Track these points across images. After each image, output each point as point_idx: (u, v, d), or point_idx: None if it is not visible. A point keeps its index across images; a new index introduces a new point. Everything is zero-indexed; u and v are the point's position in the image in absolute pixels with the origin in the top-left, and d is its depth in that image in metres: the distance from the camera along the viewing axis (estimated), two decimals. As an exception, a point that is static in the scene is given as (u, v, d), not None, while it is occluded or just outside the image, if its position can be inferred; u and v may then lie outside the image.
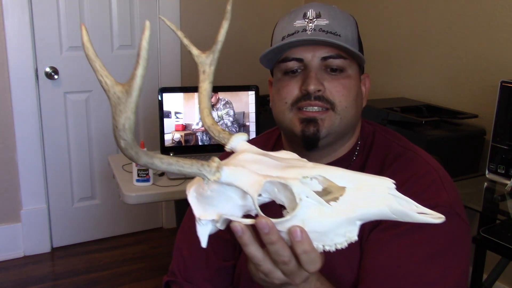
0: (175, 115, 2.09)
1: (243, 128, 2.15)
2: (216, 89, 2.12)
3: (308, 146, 0.83)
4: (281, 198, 0.57)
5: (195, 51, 0.65)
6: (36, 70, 2.54)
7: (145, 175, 1.79)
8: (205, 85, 0.63)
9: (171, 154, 2.09)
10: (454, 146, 1.97)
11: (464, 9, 2.15)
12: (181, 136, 2.10)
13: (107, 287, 2.45)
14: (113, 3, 2.68)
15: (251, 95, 2.15)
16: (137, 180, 1.80)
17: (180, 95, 2.09)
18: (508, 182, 1.66)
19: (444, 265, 0.75)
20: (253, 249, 0.58)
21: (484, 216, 1.74)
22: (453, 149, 1.96)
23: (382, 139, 0.90)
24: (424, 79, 2.38)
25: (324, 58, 0.81)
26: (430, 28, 2.32)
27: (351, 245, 0.80)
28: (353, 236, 0.56)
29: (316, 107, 0.81)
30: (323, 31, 0.81)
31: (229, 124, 2.14)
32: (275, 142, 0.99)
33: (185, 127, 2.10)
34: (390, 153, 0.86)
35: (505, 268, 1.81)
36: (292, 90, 0.82)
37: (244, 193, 0.56)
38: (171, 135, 2.09)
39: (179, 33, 0.64)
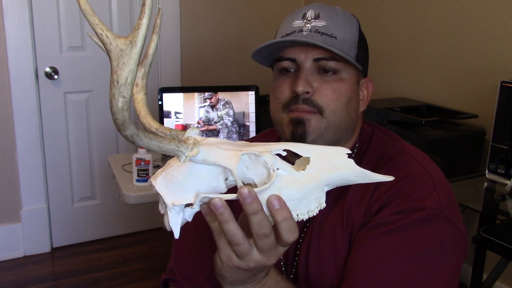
0: (175, 115, 2.09)
1: (243, 128, 2.15)
2: (216, 89, 2.12)
3: None
4: (251, 175, 0.58)
5: None
6: (36, 70, 2.54)
7: (145, 175, 1.79)
8: (140, 96, 0.62)
9: (171, 154, 2.08)
10: (454, 146, 1.97)
11: (464, 9, 2.15)
12: (181, 136, 2.10)
13: (107, 287, 2.45)
14: (113, 3, 2.68)
15: (251, 95, 2.15)
16: (137, 180, 1.80)
17: (180, 95, 2.09)
18: (508, 182, 1.66)
19: (428, 267, 0.74)
20: (233, 227, 0.58)
21: (484, 216, 1.74)
22: (453, 149, 1.96)
23: (378, 141, 0.89)
24: (424, 79, 2.38)
25: (317, 60, 0.81)
26: (430, 28, 2.32)
27: (340, 243, 0.81)
28: (323, 202, 0.60)
29: (303, 106, 0.81)
30: (319, 32, 0.81)
31: (229, 124, 2.14)
32: (276, 141, 0.99)
33: (185, 127, 2.10)
34: (385, 154, 0.86)
35: (505, 268, 1.81)
36: (284, 90, 0.83)
37: (222, 169, 0.57)
38: (171, 135, 2.09)
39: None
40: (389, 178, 0.60)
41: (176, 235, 0.58)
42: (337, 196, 0.85)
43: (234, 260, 0.62)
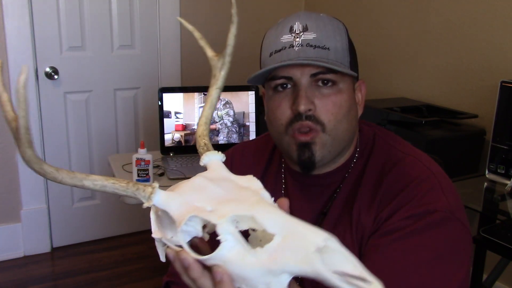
0: (175, 115, 2.09)
1: (243, 128, 2.15)
2: (216, 89, 2.12)
3: (305, 170, 0.85)
4: None
5: (209, 53, 0.65)
6: (36, 70, 2.54)
7: (145, 175, 1.79)
8: (212, 91, 0.64)
9: (171, 154, 2.09)
10: (454, 146, 1.97)
11: (464, 9, 2.15)
12: (181, 136, 2.10)
13: (107, 287, 2.45)
14: (113, 3, 2.68)
15: (251, 95, 2.15)
16: (137, 180, 1.80)
17: (180, 95, 2.09)
18: (508, 182, 1.66)
19: (446, 270, 0.74)
20: (185, 278, 0.57)
21: (484, 216, 1.74)
22: (453, 149, 1.96)
23: (381, 144, 0.89)
24: (424, 79, 2.38)
25: (314, 75, 0.80)
26: (430, 28, 2.32)
27: (350, 250, 0.80)
28: None
29: (307, 128, 0.80)
30: (311, 45, 0.79)
31: (229, 124, 2.14)
32: (274, 145, 0.99)
33: (185, 127, 2.10)
34: (390, 158, 0.85)
35: (505, 268, 1.81)
36: (285, 111, 0.82)
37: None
38: (171, 135, 2.09)
39: (197, 34, 0.63)
40: None
41: (162, 259, 0.59)
42: (345, 202, 0.86)
43: None
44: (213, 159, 0.59)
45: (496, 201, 1.68)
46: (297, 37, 0.80)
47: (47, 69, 2.57)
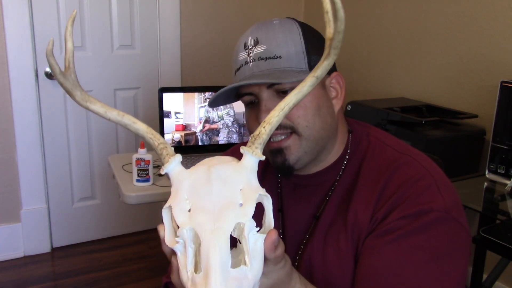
0: (175, 115, 2.09)
1: (243, 128, 2.15)
2: (216, 89, 2.12)
3: (284, 175, 0.87)
4: None
5: (328, 33, 0.59)
6: (36, 70, 2.54)
7: (145, 175, 1.79)
8: (307, 77, 0.62)
9: (171, 154, 2.09)
10: (454, 146, 1.97)
11: (464, 9, 2.15)
12: (181, 136, 2.10)
13: (107, 287, 2.45)
14: (113, 3, 2.68)
15: (251, 95, 2.15)
16: (137, 180, 1.80)
17: (180, 95, 2.09)
18: (508, 182, 1.66)
19: (441, 270, 0.74)
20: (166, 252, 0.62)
21: (484, 216, 1.74)
22: (453, 149, 1.96)
23: (377, 144, 0.88)
24: (424, 79, 2.38)
25: (271, 86, 0.82)
26: (430, 28, 2.32)
27: (343, 250, 0.81)
28: None
29: (278, 135, 0.82)
30: (262, 58, 0.82)
31: (229, 124, 2.14)
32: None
33: (185, 127, 2.10)
34: (386, 158, 0.85)
35: (505, 268, 1.81)
36: (253, 123, 0.86)
37: None
38: (171, 135, 2.09)
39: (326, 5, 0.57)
40: None
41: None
42: (339, 204, 0.86)
43: None
44: (247, 155, 0.59)
45: (496, 201, 1.68)
46: (251, 53, 0.83)
47: (47, 69, 2.57)
